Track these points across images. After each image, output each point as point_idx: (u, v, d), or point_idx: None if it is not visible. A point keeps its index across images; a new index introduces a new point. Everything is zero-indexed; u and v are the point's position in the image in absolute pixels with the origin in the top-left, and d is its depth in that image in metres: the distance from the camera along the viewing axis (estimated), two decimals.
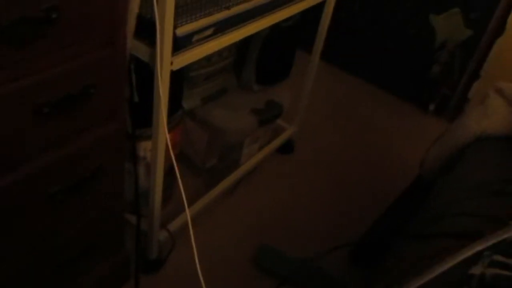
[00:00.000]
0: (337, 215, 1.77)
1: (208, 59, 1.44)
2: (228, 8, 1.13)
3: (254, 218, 1.69)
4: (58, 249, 1.08)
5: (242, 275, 1.51)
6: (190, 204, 1.55)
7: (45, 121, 0.86)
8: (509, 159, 0.99)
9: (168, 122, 1.36)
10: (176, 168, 1.16)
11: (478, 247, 0.69)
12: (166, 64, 1.04)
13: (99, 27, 0.88)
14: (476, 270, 0.69)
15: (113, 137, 1.05)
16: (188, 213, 1.09)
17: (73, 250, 1.13)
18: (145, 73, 1.10)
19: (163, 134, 1.17)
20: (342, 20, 2.37)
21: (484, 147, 1.03)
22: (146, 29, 1.01)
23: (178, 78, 1.37)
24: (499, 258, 0.70)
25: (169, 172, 1.54)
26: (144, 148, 1.39)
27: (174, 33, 1.03)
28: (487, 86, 2.06)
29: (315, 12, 1.65)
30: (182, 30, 1.05)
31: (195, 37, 1.10)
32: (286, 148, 1.97)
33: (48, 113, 0.84)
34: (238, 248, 1.58)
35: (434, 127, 2.30)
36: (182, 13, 1.05)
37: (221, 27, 1.16)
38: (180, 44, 1.06)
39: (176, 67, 1.06)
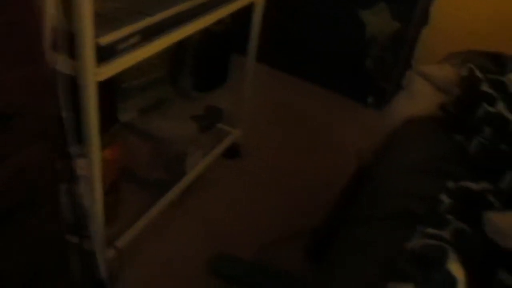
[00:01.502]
0: (289, 214, 1.78)
1: (139, 69, 1.42)
2: (150, 15, 1.12)
3: (206, 227, 1.67)
4: None
5: (198, 285, 1.48)
6: (137, 218, 1.51)
7: None
8: (434, 138, 1.04)
9: (104, 137, 1.33)
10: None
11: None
12: (91, 75, 1.01)
13: (14, 43, 0.84)
14: (409, 245, 0.71)
15: (44, 157, 1.00)
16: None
17: (13, 280, 1.07)
18: (73, 86, 1.07)
19: (97, 149, 1.13)
20: (275, 21, 2.41)
21: (412, 129, 1.07)
22: (66, 41, 0.98)
23: (109, 90, 1.34)
24: (429, 230, 0.73)
25: (112, 188, 1.50)
26: (80, 166, 1.34)
27: (97, 43, 1.01)
28: None
29: (246, 14, 1.67)
30: (105, 40, 1.03)
31: (120, 46, 1.07)
32: (232, 153, 1.97)
33: None
34: (193, 259, 1.55)
35: (374, 119, 2.36)
36: (103, 22, 1.03)
37: (146, 35, 1.14)
38: (104, 54, 1.03)
39: (102, 77, 1.04)
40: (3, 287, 1.04)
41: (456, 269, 0.61)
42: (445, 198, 0.84)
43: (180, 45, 1.52)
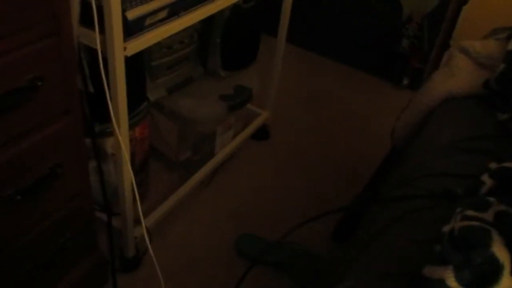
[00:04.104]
0: (318, 195, 1.74)
1: (169, 46, 1.40)
2: None
3: (233, 208, 1.66)
4: (26, 252, 1.03)
5: (225, 265, 1.47)
6: (165, 198, 1.51)
7: None
8: (476, 116, 0.98)
9: (134, 115, 1.32)
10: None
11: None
12: (119, 50, 0.99)
13: (40, 15, 0.83)
14: (448, 227, 0.67)
15: (68, 133, 1.00)
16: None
17: (43, 253, 1.08)
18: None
19: (125, 127, 1.12)
20: (305, 1, 2.35)
21: (451, 107, 1.01)
22: (94, 15, 0.96)
23: (139, 68, 1.32)
24: (470, 212, 0.68)
25: (140, 168, 1.50)
26: (111, 144, 1.34)
27: (125, 17, 0.99)
28: None
29: None
30: (133, 13, 1.01)
31: (148, 21, 1.05)
32: (262, 134, 1.94)
33: None
34: (218, 239, 1.54)
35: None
36: None
37: (175, 9, 1.12)
38: (132, 28, 1.01)
39: (130, 52, 1.02)
40: (30, 261, 1.05)
41: (500, 252, 0.56)
42: (486, 179, 0.79)
43: (209, 23, 1.49)
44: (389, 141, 1.47)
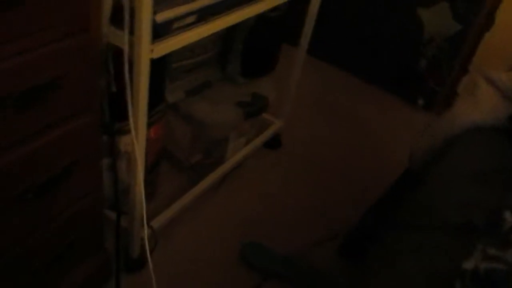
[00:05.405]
0: (325, 210, 1.73)
1: (191, 50, 1.40)
2: None
3: (241, 214, 1.65)
4: (34, 249, 1.03)
5: (228, 272, 1.47)
6: (173, 200, 1.51)
7: (11, 113, 0.79)
8: (500, 149, 0.97)
9: (150, 116, 1.32)
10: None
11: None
12: (146, 52, 0.99)
13: (70, 13, 0.82)
14: (469, 264, 0.66)
15: (87, 130, 0.99)
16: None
17: (49, 252, 1.08)
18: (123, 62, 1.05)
19: (143, 127, 1.12)
20: (328, 13, 2.33)
21: (475, 137, 1.00)
22: (124, 15, 0.96)
23: (160, 69, 1.32)
24: (492, 251, 0.67)
25: (151, 168, 1.49)
26: (125, 142, 1.34)
27: (154, 20, 0.98)
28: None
29: (301, 3, 1.62)
30: (161, 17, 1.00)
31: (176, 25, 1.05)
32: (273, 143, 1.93)
33: (13, 104, 0.78)
34: (224, 245, 1.54)
35: (422, 121, 2.27)
36: None
37: (203, 15, 1.11)
38: (160, 31, 1.01)
39: (156, 55, 1.02)
40: (37, 258, 1.05)
41: None
42: (509, 216, 0.78)
43: (233, 29, 1.48)
44: (400, 161, 1.46)
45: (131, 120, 1.07)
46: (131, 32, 0.97)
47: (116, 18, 0.97)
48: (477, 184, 0.84)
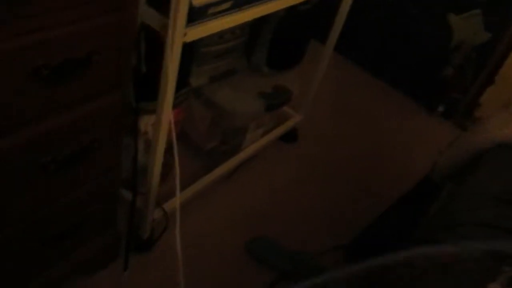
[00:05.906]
0: (335, 210, 1.72)
1: (220, 36, 1.38)
2: None
3: (250, 206, 1.65)
4: (48, 221, 1.03)
5: (233, 261, 1.47)
6: (186, 185, 1.50)
7: (44, 85, 0.79)
8: None
9: (174, 98, 1.31)
10: (175, 147, 1.11)
11: None
12: (179, 35, 0.97)
13: None
14: (494, 285, 0.65)
15: (115, 108, 0.99)
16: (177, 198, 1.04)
17: (63, 224, 1.08)
18: (155, 43, 1.04)
19: (168, 109, 1.11)
20: (358, 12, 2.30)
21: (505, 155, 0.98)
22: None
23: (189, 52, 1.30)
24: None
25: (168, 149, 1.48)
26: (145, 122, 1.33)
27: (190, 3, 0.97)
28: (502, 92, 2.02)
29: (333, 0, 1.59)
30: (198, 1, 0.99)
31: (211, 10, 1.03)
32: (290, 136, 1.92)
33: (47, 76, 0.78)
34: (232, 234, 1.53)
35: (440, 129, 2.25)
36: None
37: (238, 2, 1.10)
38: (195, 15, 0.99)
39: (189, 39, 1.00)
40: (50, 231, 1.05)
41: None
42: None
43: (263, 19, 1.46)
44: (415, 169, 1.43)
45: (159, 101, 1.07)
46: (166, 14, 0.95)
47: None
48: (506, 205, 0.83)
